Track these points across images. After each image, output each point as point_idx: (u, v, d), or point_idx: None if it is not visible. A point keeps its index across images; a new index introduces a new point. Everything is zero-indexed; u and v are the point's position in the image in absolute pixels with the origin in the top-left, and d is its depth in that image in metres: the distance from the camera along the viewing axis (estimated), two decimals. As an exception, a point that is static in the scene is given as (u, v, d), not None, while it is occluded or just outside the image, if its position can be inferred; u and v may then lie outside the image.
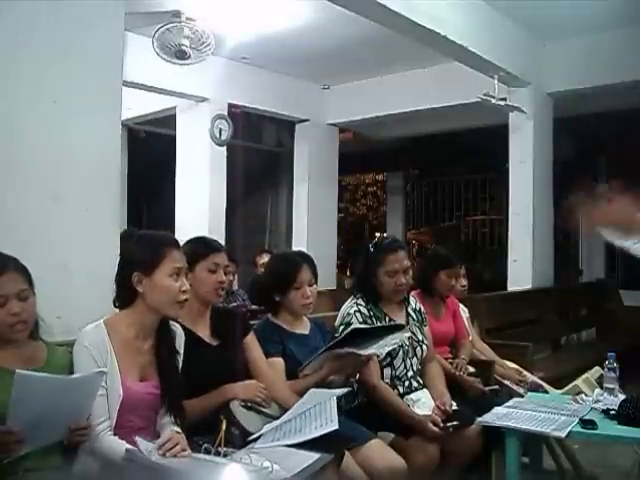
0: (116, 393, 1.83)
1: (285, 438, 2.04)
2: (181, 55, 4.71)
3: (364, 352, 2.35)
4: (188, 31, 4.66)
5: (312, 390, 2.24)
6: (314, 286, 2.57)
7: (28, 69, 2.35)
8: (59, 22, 2.43)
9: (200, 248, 2.29)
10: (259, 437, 2.08)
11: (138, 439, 1.80)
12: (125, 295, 1.95)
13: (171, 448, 1.78)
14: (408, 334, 2.68)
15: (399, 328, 2.52)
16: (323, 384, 2.39)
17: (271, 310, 2.60)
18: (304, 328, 2.61)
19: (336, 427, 2.01)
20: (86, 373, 1.75)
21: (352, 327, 2.46)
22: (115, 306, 2.00)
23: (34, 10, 2.35)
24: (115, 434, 1.81)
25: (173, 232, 5.77)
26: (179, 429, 1.88)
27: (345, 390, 2.28)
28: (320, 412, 2.10)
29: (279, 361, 2.44)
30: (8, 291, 1.76)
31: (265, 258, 5.28)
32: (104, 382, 1.82)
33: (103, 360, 1.84)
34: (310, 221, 6.89)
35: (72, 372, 1.85)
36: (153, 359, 1.95)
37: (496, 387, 3.07)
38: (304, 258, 2.61)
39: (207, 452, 1.86)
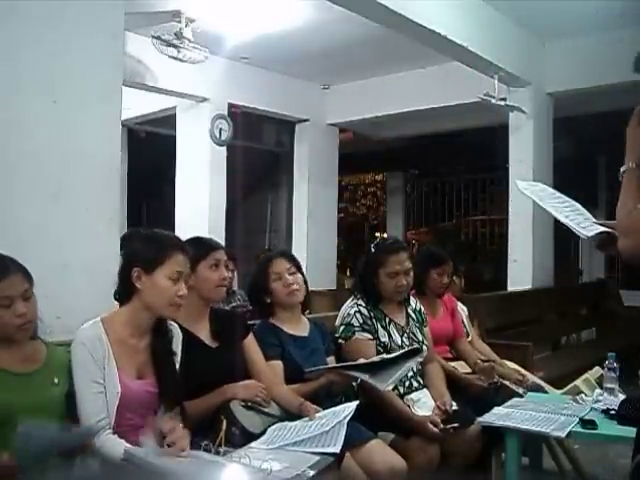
0: (114, 390, 1.84)
1: (284, 441, 2.04)
2: (172, 54, 4.71)
3: (382, 386, 2.36)
4: (188, 33, 4.65)
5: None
6: (296, 275, 2.57)
7: (28, 69, 2.35)
8: (59, 22, 2.43)
9: (199, 247, 2.30)
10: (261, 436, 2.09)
11: (142, 441, 1.80)
12: (124, 290, 1.95)
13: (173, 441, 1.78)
14: (422, 359, 2.67)
15: (417, 352, 2.51)
16: (324, 389, 2.41)
17: (266, 313, 2.60)
18: (303, 330, 2.61)
19: (337, 452, 1.98)
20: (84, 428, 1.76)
21: (377, 359, 2.42)
22: (116, 299, 2.00)
23: (34, 10, 2.35)
24: (115, 432, 1.82)
25: (173, 232, 5.77)
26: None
27: (354, 404, 2.22)
28: (327, 433, 2.06)
29: (278, 364, 2.44)
30: (13, 292, 1.76)
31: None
32: (102, 379, 1.83)
33: (100, 357, 1.84)
34: (310, 221, 6.89)
35: (71, 371, 1.86)
36: (149, 357, 1.95)
37: (496, 381, 3.06)
38: (278, 253, 2.72)
39: (207, 451, 1.86)
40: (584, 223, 1.65)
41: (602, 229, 1.59)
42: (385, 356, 2.47)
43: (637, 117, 1.47)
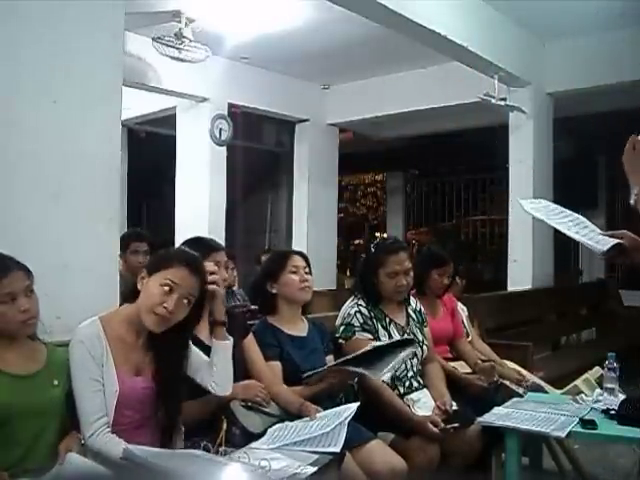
0: (112, 388, 1.84)
1: (285, 441, 2.04)
2: (173, 54, 4.72)
3: (377, 376, 2.36)
4: (188, 33, 4.66)
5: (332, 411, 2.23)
6: (309, 276, 2.59)
7: (28, 69, 2.35)
8: (59, 22, 2.43)
9: (200, 249, 2.28)
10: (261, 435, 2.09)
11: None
12: (135, 290, 1.96)
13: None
14: (415, 349, 2.68)
15: (410, 342, 2.51)
16: (325, 392, 2.41)
17: (267, 308, 2.60)
18: (302, 330, 2.61)
19: (337, 451, 1.98)
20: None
21: (370, 347, 2.40)
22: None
23: (34, 10, 2.35)
24: (114, 431, 1.81)
25: (173, 232, 5.78)
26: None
27: (355, 405, 2.22)
28: (328, 434, 2.06)
29: (277, 365, 2.44)
30: (16, 288, 1.77)
31: (270, 257, 5.28)
32: (101, 377, 1.83)
33: (99, 355, 1.85)
34: (310, 221, 6.89)
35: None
36: (147, 355, 1.95)
37: (496, 381, 3.07)
38: (295, 251, 2.72)
39: (207, 450, 1.86)
40: (595, 237, 1.65)
41: (614, 241, 1.59)
42: (376, 344, 2.47)
43: (631, 143, 1.50)
